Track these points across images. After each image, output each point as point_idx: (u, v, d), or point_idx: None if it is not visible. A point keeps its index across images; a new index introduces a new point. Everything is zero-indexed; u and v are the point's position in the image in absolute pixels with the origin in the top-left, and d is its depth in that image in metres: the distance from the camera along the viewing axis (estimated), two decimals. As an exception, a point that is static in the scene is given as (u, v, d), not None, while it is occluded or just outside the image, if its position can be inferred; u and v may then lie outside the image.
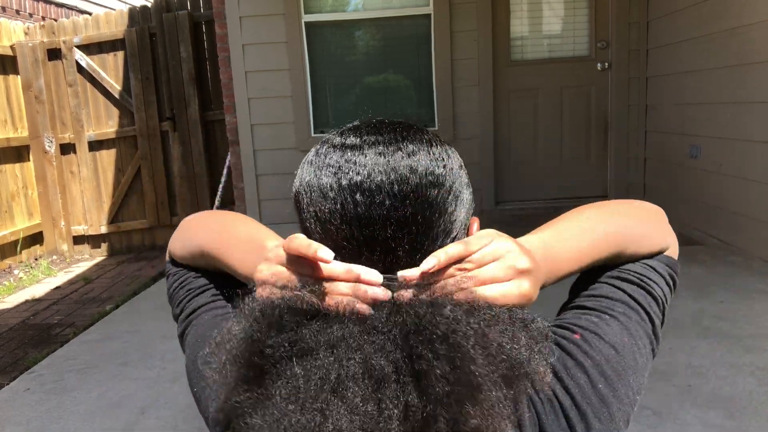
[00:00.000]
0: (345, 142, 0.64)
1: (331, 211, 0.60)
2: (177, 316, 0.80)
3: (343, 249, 0.60)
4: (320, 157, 0.64)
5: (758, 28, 3.04)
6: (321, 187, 0.61)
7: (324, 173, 0.62)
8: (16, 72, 5.58)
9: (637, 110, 4.54)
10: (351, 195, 0.59)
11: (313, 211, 0.61)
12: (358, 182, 0.59)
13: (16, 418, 1.95)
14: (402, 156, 0.61)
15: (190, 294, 0.81)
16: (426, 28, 4.54)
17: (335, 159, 0.62)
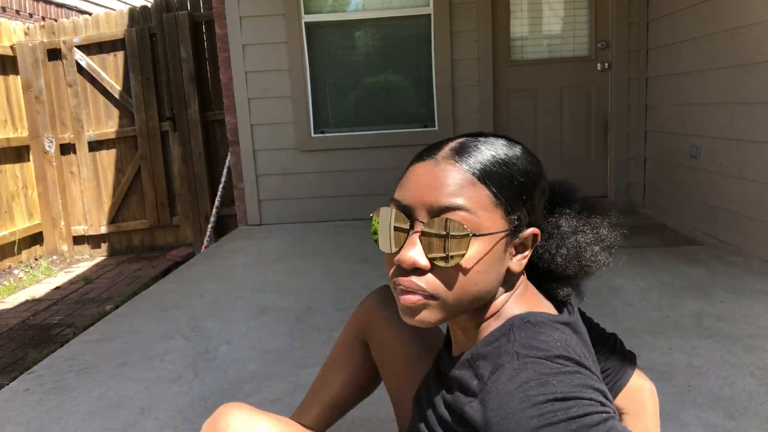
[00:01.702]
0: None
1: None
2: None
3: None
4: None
5: (758, 28, 3.04)
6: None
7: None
8: (16, 72, 5.58)
9: (637, 110, 4.54)
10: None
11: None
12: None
13: (15, 418, 1.95)
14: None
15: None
16: (426, 28, 4.54)
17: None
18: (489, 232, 0.70)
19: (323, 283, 3.19)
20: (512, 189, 0.72)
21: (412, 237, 0.70)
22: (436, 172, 0.71)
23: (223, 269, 3.61)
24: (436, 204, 0.69)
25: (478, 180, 0.70)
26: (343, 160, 4.67)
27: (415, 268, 0.70)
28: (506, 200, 0.71)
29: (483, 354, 0.72)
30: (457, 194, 0.69)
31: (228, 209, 5.36)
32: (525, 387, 0.63)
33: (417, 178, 0.72)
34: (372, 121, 4.70)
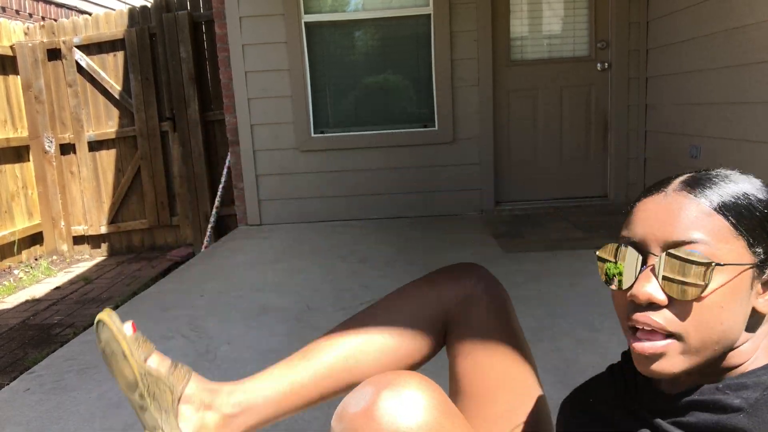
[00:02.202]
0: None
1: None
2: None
3: None
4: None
5: (758, 28, 3.04)
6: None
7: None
8: (16, 72, 5.58)
9: (637, 110, 4.54)
10: None
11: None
12: None
13: (15, 418, 1.95)
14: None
15: None
16: (426, 28, 4.54)
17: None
18: (731, 263, 0.65)
19: (323, 283, 3.19)
20: (753, 219, 0.66)
21: (646, 271, 0.66)
22: (667, 205, 0.67)
23: (223, 269, 3.61)
24: (670, 239, 0.66)
25: (714, 211, 0.66)
26: (343, 160, 4.67)
27: (650, 303, 0.66)
28: (747, 231, 0.66)
29: (743, 384, 0.67)
30: (692, 227, 0.65)
31: (228, 209, 5.36)
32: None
33: (646, 214, 0.69)
34: (372, 121, 4.70)
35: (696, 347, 0.65)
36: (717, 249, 0.64)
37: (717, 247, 0.65)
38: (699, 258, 0.64)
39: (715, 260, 0.64)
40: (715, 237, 0.65)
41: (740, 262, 0.65)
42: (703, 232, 0.65)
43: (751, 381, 0.67)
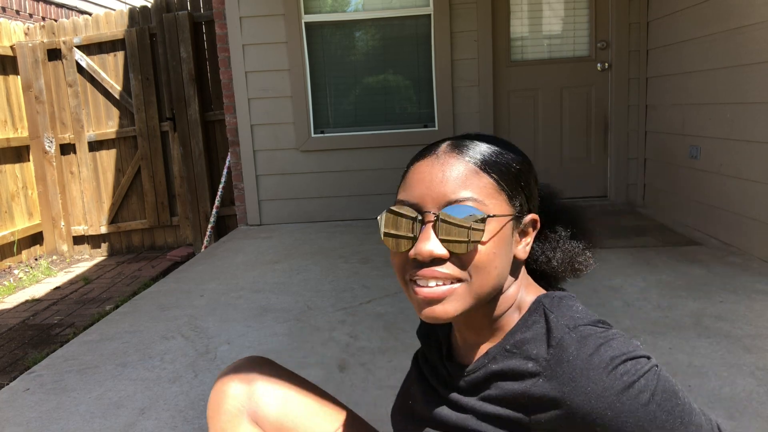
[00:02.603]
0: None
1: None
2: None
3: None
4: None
5: (758, 29, 3.04)
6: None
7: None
8: (16, 72, 5.58)
9: (637, 110, 4.54)
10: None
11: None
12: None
13: (15, 418, 1.95)
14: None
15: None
16: (426, 28, 4.54)
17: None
18: (499, 215, 0.73)
19: (323, 283, 3.19)
20: (511, 176, 0.75)
21: (426, 230, 0.71)
22: (439, 166, 0.73)
23: (223, 269, 3.61)
24: (445, 197, 0.71)
25: (480, 170, 0.73)
26: (343, 160, 4.67)
27: (433, 259, 0.71)
28: (507, 187, 0.74)
29: (525, 339, 0.75)
30: (464, 185, 0.72)
31: (228, 209, 5.36)
32: (598, 353, 0.68)
33: (421, 176, 0.74)
34: (372, 121, 4.70)
35: (476, 290, 0.73)
36: (485, 204, 0.72)
37: (485, 202, 0.72)
38: (473, 213, 0.70)
39: (485, 213, 0.71)
40: (482, 193, 0.72)
41: (506, 215, 0.74)
42: (472, 190, 0.72)
43: (531, 333, 0.75)
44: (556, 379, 0.69)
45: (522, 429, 0.72)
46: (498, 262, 0.73)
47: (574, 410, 0.67)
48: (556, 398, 0.68)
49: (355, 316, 2.68)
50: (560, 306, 0.77)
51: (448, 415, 0.81)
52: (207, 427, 1.06)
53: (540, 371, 0.71)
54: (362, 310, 2.75)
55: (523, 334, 0.76)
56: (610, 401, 0.65)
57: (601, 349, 0.68)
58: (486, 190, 0.73)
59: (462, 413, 0.79)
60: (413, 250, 0.72)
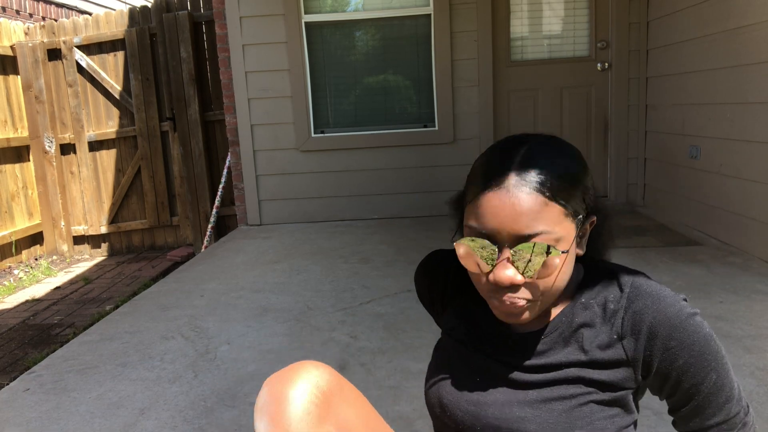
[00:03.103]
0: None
1: None
2: None
3: None
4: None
5: (758, 29, 3.04)
6: None
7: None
8: (16, 72, 5.58)
9: (637, 110, 4.54)
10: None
11: None
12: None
13: (15, 418, 1.95)
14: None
15: None
16: (426, 28, 4.54)
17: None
18: (570, 242, 0.79)
19: (323, 283, 3.19)
20: (575, 193, 0.79)
21: (502, 260, 0.77)
22: (509, 201, 0.76)
23: (223, 269, 3.61)
24: (518, 233, 0.76)
25: (549, 199, 0.76)
26: (343, 160, 4.67)
27: (512, 284, 0.78)
28: (573, 206, 0.79)
29: (596, 291, 0.87)
30: (536, 220, 0.76)
31: (228, 209, 5.36)
32: (662, 288, 0.83)
33: (493, 210, 0.77)
34: (372, 121, 4.70)
35: (548, 300, 0.82)
36: (555, 231, 0.77)
37: (556, 231, 0.77)
38: (545, 247, 0.76)
39: (555, 243, 0.77)
40: (552, 222, 0.76)
41: (572, 234, 0.79)
42: (544, 223, 0.76)
43: (597, 286, 0.87)
44: (639, 307, 0.82)
45: (623, 364, 0.82)
46: (566, 273, 0.81)
47: (657, 328, 0.80)
48: (642, 320, 0.81)
49: (355, 316, 2.68)
50: (605, 264, 0.90)
51: (532, 378, 0.85)
52: (207, 427, 1.05)
53: (621, 306, 0.83)
54: (362, 311, 2.75)
55: (594, 287, 0.87)
56: (685, 322, 0.79)
57: (664, 289, 0.83)
58: (556, 218, 0.77)
59: (549, 372, 0.85)
60: (492, 276, 0.78)
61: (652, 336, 0.80)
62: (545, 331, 0.87)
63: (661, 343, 0.80)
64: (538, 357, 0.86)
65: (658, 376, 0.82)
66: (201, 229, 5.52)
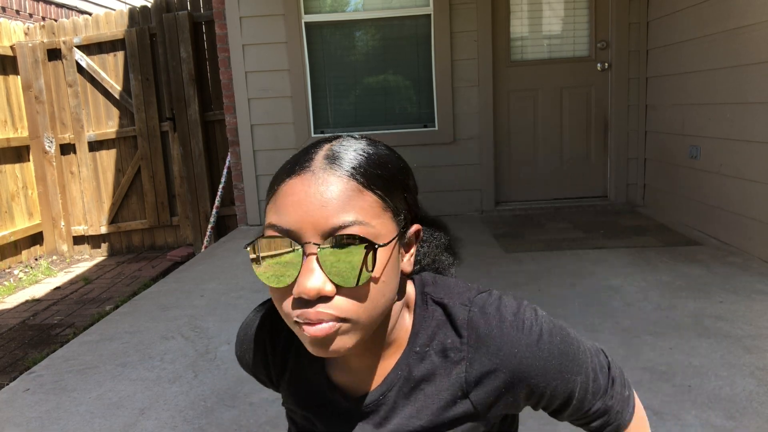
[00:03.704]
0: None
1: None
2: None
3: None
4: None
5: (758, 29, 3.04)
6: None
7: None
8: (16, 72, 5.58)
9: (637, 110, 4.54)
10: None
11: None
12: None
13: (15, 418, 1.95)
14: None
15: None
16: (426, 29, 4.54)
17: None
18: (388, 240, 0.64)
19: (323, 283, 3.18)
20: (394, 188, 0.67)
21: (308, 263, 0.60)
22: (317, 186, 0.62)
23: (223, 269, 3.61)
24: (327, 223, 0.60)
25: (363, 187, 0.63)
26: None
27: (320, 296, 0.61)
28: (392, 201, 0.66)
29: (431, 335, 0.73)
30: (347, 208, 0.61)
31: (228, 209, 5.36)
32: (502, 317, 0.71)
33: (296, 198, 0.62)
34: (372, 121, 4.70)
35: (364, 324, 0.64)
36: (372, 225, 0.62)
37: (372, 223, 0.62)
38: (360, 241, 0.61)
39: (373, 238, 0.62)
40: (368, 214, 0.62)
41: (392, 233, 0.65)
42: (357, 212, 0.62)
43: (429, 330, 0.73)
44: (484, 355, 0.70)
45: (472, 417, 0.72)
46: (387, 288, 0.65)
47: (511, 375, 0.69)
48: (491, 370, 0.70)
49: (355, 316, 2.68)
50: (442, 287, 0.76)
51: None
52: (207, 427, 1.05)
53: (463, 356, 0.71)
54: (362, 310, 2.74)
55: (427, 331, 0.73)
56: (535, 353, 0.69)
57: (502, 312, 0.71)
58: (371, 209, 0.63)
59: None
60: (296, 287, 0.61)
61: (508, 387, 0.70)
62: (382, 390, 0.74)
63: (521, 389, 0.70)
64: (381, 425, 0.74)
65: (522, 406, 0.74)
66: (201, 229, 5.52)
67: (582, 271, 3.10)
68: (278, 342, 0.81)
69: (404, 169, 0.71)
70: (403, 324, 0.74)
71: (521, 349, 0.69)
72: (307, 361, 0.79)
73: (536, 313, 0.72)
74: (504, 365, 0.69)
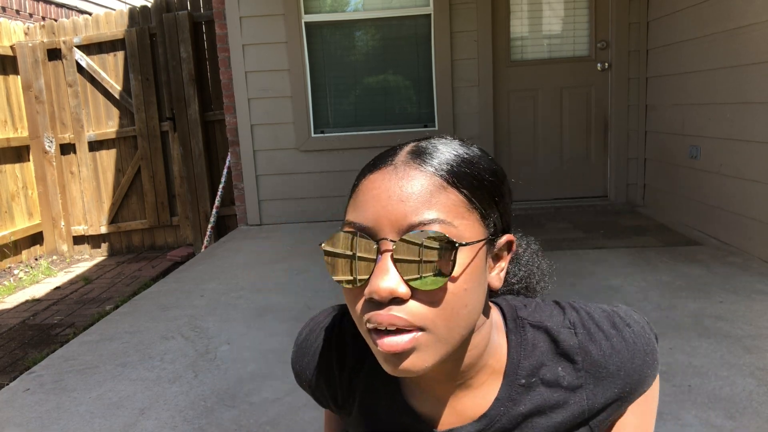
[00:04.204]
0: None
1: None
2: None
3: None
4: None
5: (758, 29, 3.04)
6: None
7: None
8: (16, 72, 5.58)
9: (637, 110, 4.54)
10: None
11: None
12: None
13: (15, 418, 1.95)
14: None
15: None
16: (426, 28, 4.54)
17: None
18: (472, 241, 0.59)
19: (323, 283, 3.19)
20: (484, 190, 0.61)
21: (383, 261, 0.56)
22: (397, 180, 0.58)
23: (223, 269, 3.61)
24: (405, 220, 0.56)
25: (448, 184, 0.59)
26: (343, 160, 4.67)
27: (393, 298, 0.56)
28: (480, 203, 0.60)
29: (536, 363, 0.67)
30: (429, 204, 0.57)
31: (228, 209, 5.36)
32: (609, 336, 0.68)
33: (375, 192, 0.59)
34: (372, 121, 4.70)
35: (444, 336, 0.58)
36: (455, 225, 0.58)
37: (455, 224, 0.58)
38: (439, 241, 0.56)
39: (455, 239, 0.57)
40: (451, 213, 0.58)
41: (478, 237, 0.60)
42: (438, 209, 0.57)
43: (536, 356, 0.67)
44: (605, 378, 0.67)
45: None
46: (470, 298, 0.59)
47: (631, 388, 0.68)
48: (617, 394, 0.68)
49: (355, 316, 2.68)
50: (536, 310, 0.70)
51: None
52: (207, 427, 1.04)
53: (581, 383, 0.66)
54: (362, 310, 2.74)
55: (530, 360, 0.67)
56: (644, 359, 0.68)
57: (603, 327, 0.68)
58: (456, 208, 0.58)
59: None
60: (368, 287, 0.56)
61: (624, 399, 0.69)
62: (480, 426, 0.67)
63: (636, 395, 0.70)
64: None
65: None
66: (201, 229, 5.52)
67: (582, 271, 3.10)
68: (348, 358, 0.73)
69: (497, 172, 0.65)
70: (496, 350, 0.67)
71: (636, 362, 0.67)
72: (381, 384, 0.71)
73: (620, 316, 0.70)
74: (626, 383, 0.67)
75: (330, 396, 0.76)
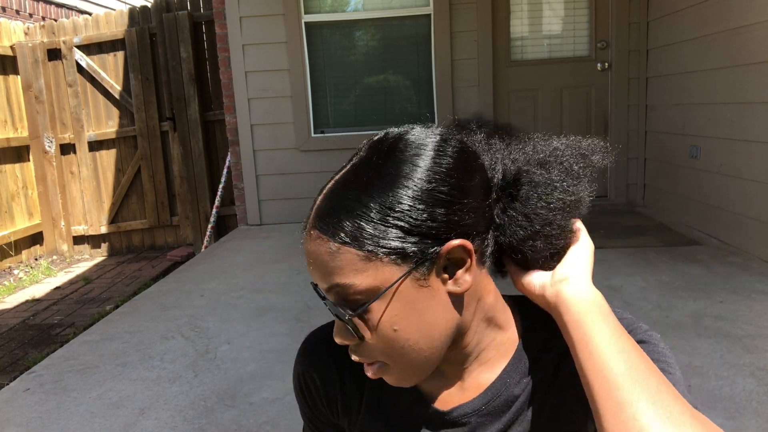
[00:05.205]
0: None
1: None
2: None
3: None
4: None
5: (758, 29, 3.04)
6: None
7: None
8: (16, 72, 5.58)
9: (637, 110, 4.54)
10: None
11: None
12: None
13: (15, 418, 1.95)
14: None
15: None
16: (426, 28, 4.54)
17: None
18: (369, 300, 0.58)
19: (323, 283, 3.19)
20: (377, 231, 0.57)
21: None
22: (308, 247, 0.61)
23: (223, 269, 3.61)
24: (323, 286, 0.61)
25: (340, 245, 0.58)
26: (343, 160, 4.62)
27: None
28: (377, 248, 0.57)
29: (537, 343, 0.67)
30: (326, 270, 0.59)
31: (228, 209, 5.36)
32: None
33: (306, 255, 0.63)
34: (372, 121, 4.70)
35: (407, 364, 0.61)
36: (356, 284, 0.57)
37: (356, 282, 0.57)
38: (345, 307, 0.59)
39: (361, 297, 0.58)
40: (346, 274, 0.58)
41: (391, 278, 0.57)
42: (337, 274, 0.58)
43: (548, 331, 0.66)
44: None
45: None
46: (408, 333, 0.59)
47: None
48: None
49: (355, 316, 2.68)
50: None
51: None
52: (207, 427, 1.04)
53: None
54: (362, 310, 2.74)
55: (537, 340, 0.68)
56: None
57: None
58: (350, 265, 0.57)
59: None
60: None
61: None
62: (482, 401, 0.66)
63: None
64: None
65: None
66: (201, 229, 5.52)
67: (582, 271, 3.09)
68: (354, 372, 0.72)
69: (402, 184, 0.59)
70: (503, 320, 0.67)
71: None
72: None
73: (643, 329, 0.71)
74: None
75: (327, 408, 0.76)
